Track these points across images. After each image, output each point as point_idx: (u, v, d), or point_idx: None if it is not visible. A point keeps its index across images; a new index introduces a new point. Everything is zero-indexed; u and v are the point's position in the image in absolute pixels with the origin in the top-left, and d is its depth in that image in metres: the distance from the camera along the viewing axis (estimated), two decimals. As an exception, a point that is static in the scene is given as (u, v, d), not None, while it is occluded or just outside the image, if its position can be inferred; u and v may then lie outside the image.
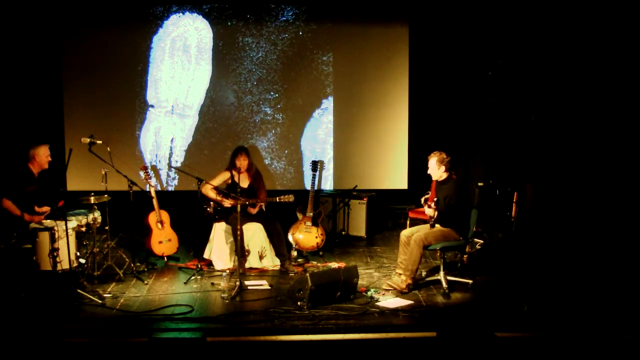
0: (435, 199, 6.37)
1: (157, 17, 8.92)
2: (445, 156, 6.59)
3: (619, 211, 7.89)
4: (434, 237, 6.42)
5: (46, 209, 6.74)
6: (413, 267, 6.39)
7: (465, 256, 7.24)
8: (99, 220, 6.87)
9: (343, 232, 8.73)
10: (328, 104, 9.23)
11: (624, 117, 8.00)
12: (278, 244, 7.26)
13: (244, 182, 7.35)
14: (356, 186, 8.86)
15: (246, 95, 9.15)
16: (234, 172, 7.34)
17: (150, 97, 9.06)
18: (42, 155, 6.76)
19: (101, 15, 8.83)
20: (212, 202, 7.27)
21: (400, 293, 6.34)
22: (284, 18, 9.07)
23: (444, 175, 6.61)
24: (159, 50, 8.99)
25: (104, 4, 8.80)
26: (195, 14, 8.97)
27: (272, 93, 9.18)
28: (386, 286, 6.47)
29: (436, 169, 6.58)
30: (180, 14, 8.95)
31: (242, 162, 7.28)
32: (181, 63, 9.03)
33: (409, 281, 6.40)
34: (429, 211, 6.45)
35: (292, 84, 9.18)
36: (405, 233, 6.61)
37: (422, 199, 6.55)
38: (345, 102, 9.25)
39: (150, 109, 9.09)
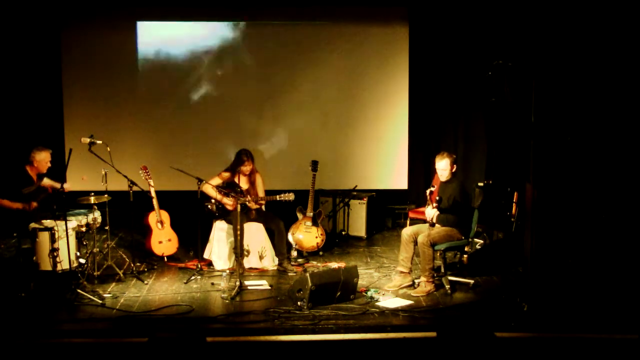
0: (437, 198, 6.35)
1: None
2: (455, 156, 6.59)
3: (620, 211, 7.88)
4: (439, 236, 6.42)
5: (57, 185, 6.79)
6: (429, 266, 6.40)
7: (465, 256, 7.23)
8: (99, 220, 6.88)
9: (343, 232, 8.73)
10: (328, 103, 9.23)
11: (625, 117, 8.00)
12: (279, 242, 7.25)
13: (244, 183, 7.34)
14: (356, 186, 8.85)
15: (246, 94, 9.15)
16: (235, 174, 7.33)
17: (151, 95, 9.08)
18: (43, 161, 6.80)
19: (101, 14, 8.84)
20: (212, 200, 7.27)
21: (427, 295, 6.34)
22: (284, 17, 9.08)
23: (450, 175, 6.60)
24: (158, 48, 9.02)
25: (103, 2, 8.81)
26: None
27: (272, 92, 9.17)
28: (414, 293, 6.40)
29: (449, 170, 6.54)
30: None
31: (247, 167, 7.27)
32: (181, 61, 9.04)
33: (430, 279, 6.40)
34: (431, 212, 6.45)
35: (292, 83, 9.18)
36: (406, 232, 6.61)
37: (427, 191, 6.49)
38: (345, 101, 9.24)
39: (150, 108, 9.09)
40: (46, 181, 6.88)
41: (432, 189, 6.44)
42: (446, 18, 9.02)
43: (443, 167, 6.54)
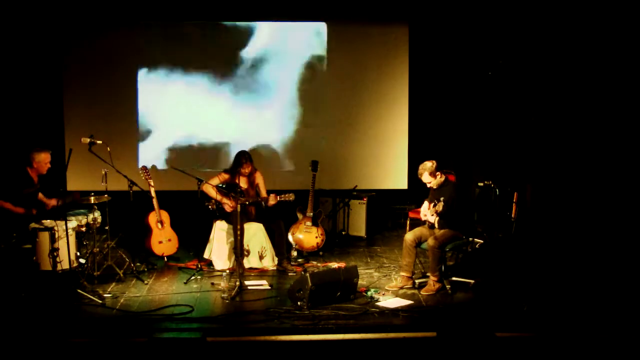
0: (439, 200, 6.34)
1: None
2: (433, 163, 6.56)
3: (619, 211, 7.89)
4: (446, 237, 6.43)
5: (54, 202, 6.79)
6: (439, 266, 6.41)
7: (460, 255, 7.22)
8: (99, 220, 6.87)
9: (343, 232, 8.73)
10: (328, 103, 9.23)
11: (624, 117, 8.00)
12: (279, 242, 7.26)
13: (244, 184, 7.34)
14: (356, 186, 8.85)
15: (246, 95, 9.15)
16: (235, 175, 7.32)
17: (150, 96, 9.08)
18: (42, 162, 6.77)
19: (101, 15, 8.83)
20: (213, 200, 7.27)
21: (437, 292, 6.37)
22: (283, 17, 9.08)
23: (441, 180, 6.60)
24: (158, 48, 9.02)
25: (103, 5, 8.80)
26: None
27: (272, 93, 9.17)
28: (424, 292, 6.42)
29: (433, 179, 6.56)
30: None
31: (246, 169, 7.28)
32: (181, 62, 9.05)
33: (436, 278, 6.41)
34: (431, 218, 6.47)
35: (292, 84, 9.18)
36: (409, 237, 6.59)
37: (438, 205, 6.48)
38: (346, 101, 9.24)
39: (150, 108, 9.09)
40: (40, 196, 6.86)
41: (439, 201, 6.41)
42: (446, 18, 9.02)
43: (426, 179, 6.58)
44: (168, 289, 6.57)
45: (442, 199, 6.35)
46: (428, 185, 6.63)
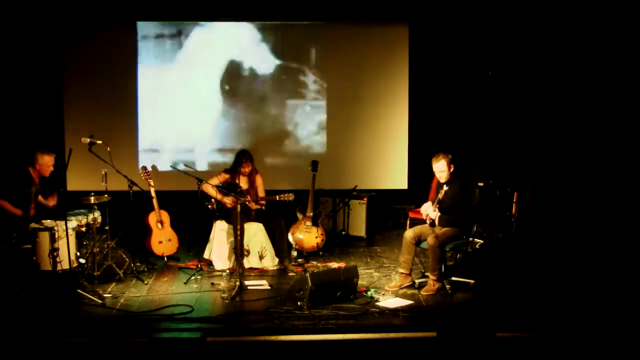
0: (443, 188, 6.33)
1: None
2: (451, 156, 6.56)
3: (619, 211, 7.89)
4: (447, 236, 6.42)
5: (53, 201, 6.79)
6: (439, 266, 6.40)
7: (459, 255, 7.22)
8: (99, 220, 6.87)
9: (343, 232, 8.73)
10: (328, 103, 9.23)
11: (623, 117, 8.00)
12: (279, 240, 7.26)
13: (244, 183, 7.34)
14: (356, 186, 8.85)
15: (246, 95, 9.15)
16: (235, 174, 7.32)
17: (150, 95, 9.08)
18: (45, 164, 6.77)
19: (102, 15, 8.83)
20: (213, 200, 7.27)
21: (436, 293, 6.36)
22: (284, 17, 9.08)
23: (449, 176, 6.59)
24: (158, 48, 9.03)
25: (103, 4, 8.81)
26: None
27: (272, 92, 9.18)
28: (424, 292, 6.41)
29: (447, 171, 6.51)
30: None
31: (246, 169, 7.28)
32: (181, 62, 9.05)
33: (436, 277, 6.41)
34: (433, 213, 6.47)
35: (292, 84, 9.18)
36: (409, 234, 6.59)
37: (441, 194, 6.48)
38: (346, 101, 9.25)
39: (150, 108, 9.09)
40: (39, 198, 6.86)
41: (444, 189, 6.39)
42: (446, 18, 9.02)
43: (440, 168, 6.52)
44: (168, 289, 6.57)
45: (445, 186, 6.35)
46: (437, 175, 6.57)
